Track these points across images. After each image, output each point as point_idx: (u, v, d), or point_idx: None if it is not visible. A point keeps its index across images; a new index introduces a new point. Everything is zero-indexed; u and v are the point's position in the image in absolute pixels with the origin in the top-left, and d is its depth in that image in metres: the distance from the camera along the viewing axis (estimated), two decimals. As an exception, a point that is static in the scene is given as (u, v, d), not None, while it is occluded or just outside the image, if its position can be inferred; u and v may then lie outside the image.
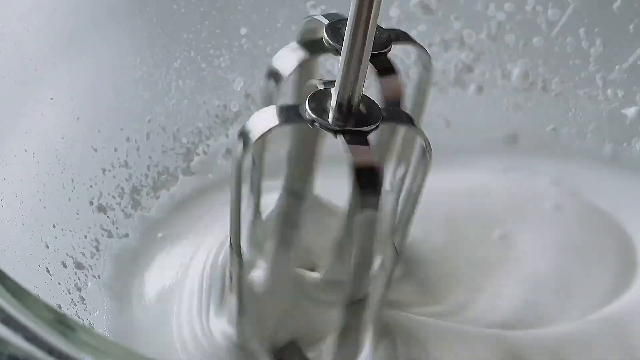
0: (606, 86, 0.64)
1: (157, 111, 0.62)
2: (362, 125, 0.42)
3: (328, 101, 0.42)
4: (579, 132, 0.66)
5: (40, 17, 0.57)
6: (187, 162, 0.62)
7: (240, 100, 0.64)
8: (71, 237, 0.54)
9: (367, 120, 0.42)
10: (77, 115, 0.57)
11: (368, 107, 0.43)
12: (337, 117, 0.42)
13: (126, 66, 0.61)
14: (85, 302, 0.52)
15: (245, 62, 0.64)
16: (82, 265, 0.54)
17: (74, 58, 0.58)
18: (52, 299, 0.49)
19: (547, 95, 0.65)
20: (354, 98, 0.42)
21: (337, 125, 0.42)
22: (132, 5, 0.61)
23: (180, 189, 0.61)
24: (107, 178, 0.58)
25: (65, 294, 0.51)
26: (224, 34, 0.64)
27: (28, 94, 0.55)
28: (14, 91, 0.54)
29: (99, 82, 0.60)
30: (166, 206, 0.60)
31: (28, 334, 0.35)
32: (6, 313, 0.36)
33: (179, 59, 0.62)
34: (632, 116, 0.64)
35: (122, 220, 0.58)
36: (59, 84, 0.57)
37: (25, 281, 0.38)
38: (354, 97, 0.42)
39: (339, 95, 0.42)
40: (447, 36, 0.65)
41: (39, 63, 0.56)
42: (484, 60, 0.65)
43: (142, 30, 0.62)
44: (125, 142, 0.60)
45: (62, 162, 0.55)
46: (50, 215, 0.53)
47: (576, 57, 0.64)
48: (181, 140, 0.62)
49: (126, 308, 0.54)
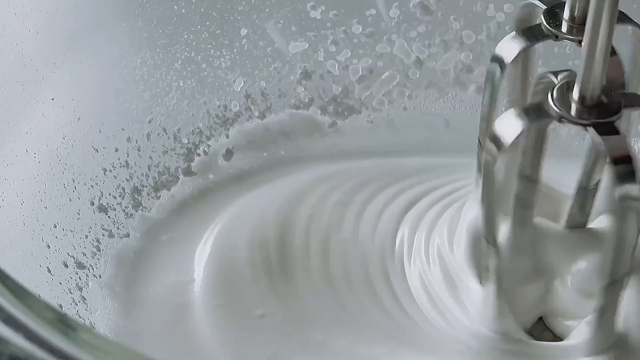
0: (605, 86, 0.64)
1: (158, 111, 0.62)
2: (606, 115, 0.42)
3: (569, 94, 0.43)
4: (579, 133, 0.65)
5: (41, 18, 0.57)
6: (187, 162, 0.62)
7: (240, 101, 0.65)
8: (72, 237, 0.54)
9: (610, 109, 0.43)
10: (78, 116, 0.57)
11: (606, 94, 0.43)
12: (581, 110, 0.43)
13: (127, 66, 0.61)
14: (86, 301, 0.52)
15: (245, 63, 0.64)
16: (83, 265, 0.54)
17: (75, 58, 0.58)
18: (53, 299, 0.50)
19: (547, 95, 0.65)
20: (597, 90, 0.42)
21: (584, 118, 0.42)
22: (132, 6, 0.61)
23: (180, 189, 0.61)
24: (108, 178, 0.58)
25: (66, 293, 0.51)
26: (224, 34, 0.64)
27: (29, 95, 0.55)
28: (14, 91, 0.54)
29: (99, 82, 0.60)
30: (167, 206, 0.60)
31: (29, 334, 0.35)
32: (7, 312, 0.36)
33: (180, 60, 0.63)
34: (631, 116, 0.64)
35: (123, 220, 0.58)
36: (60, 84, 0.57)
37: (27, 281, 0.38)
38: (597, 89, 0.42)
39: (582, 88, 0.42)
40: (446, 37, 0.65)
41: (40, 63, 0.56)
42: (483, 60, 0.65)
43: (143, 31, 0.62)
44: (126, 142, 0.60)
45: (63, 162, 0.56)
46: (52, 215, 0.53)
47: (576, 57, 0.64)
48: (182, 141, 0.62)
49: (127, 308, 0.54)
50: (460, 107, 0.66)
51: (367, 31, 0.65)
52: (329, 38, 0.65)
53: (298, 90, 0.66)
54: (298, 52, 0.65)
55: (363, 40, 0.65)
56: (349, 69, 0.65)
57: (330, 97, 0.66)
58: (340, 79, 0.66)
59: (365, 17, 0.65)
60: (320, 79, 0.66)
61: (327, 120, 0.66)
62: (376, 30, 0.65)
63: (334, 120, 0.66)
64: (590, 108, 0.43)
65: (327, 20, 0.65)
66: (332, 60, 0.65)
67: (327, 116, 0.66)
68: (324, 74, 0.66)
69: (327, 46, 0.65)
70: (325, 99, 0.66)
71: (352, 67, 0.65)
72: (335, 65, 0.65)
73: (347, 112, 0.66)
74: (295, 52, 0.65)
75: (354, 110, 0.66)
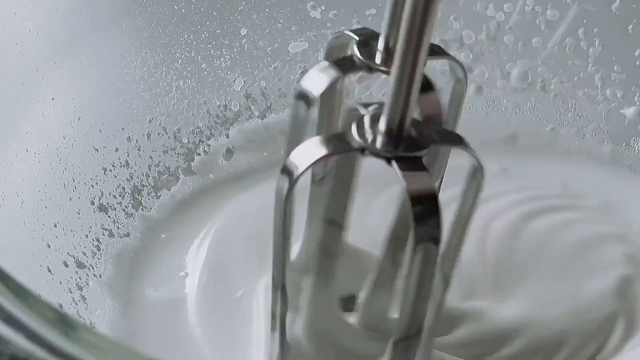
0: (605, 86, 0.64)
1: (158, 111, 0.62)
2: (414, 150, 0.39)
3: (375, 126, 0.39)
4: (578, 132, 0.66)
5: (42, 18, 0.57)
6: (187, 162, 0.62)
7: (240, 100, 0.65)
8: (72, 236, 0.54)
9: (419, 144, 0.39)
10: (79, 115, 0.57)
11: (417, 128, 0.39)
12: (387, 143, 0.39)
13: (127, 66, 0.61)
14: (87, 301, 0.52)
15: (245, 62, 0.64)
16: (83, 265, 0.54)
17: (75, 58, 0.58)
18: (53, 298, 0.50)
19: (546, 95, 0.65)
20: (405, 122, 0.38)
21: (389, 151, 0.39)
22: (132, 6, 0.61)
23: (181, 189, 0.61)
24: (108, 178, 0.58)
25: (67, 293, 0.51)
26: (224, 34, 0.64)
27: (29, 94, 0.55)
28: (15, 91, 0.54)
29: (100, 82, 0.60)
30: (167, 206, 0.60)
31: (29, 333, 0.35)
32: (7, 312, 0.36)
33: (180, 59, 0.63)
34: (630, 116, 0.64)
35: (123, 219, 0.58)
36: (60, 84, 0.57)
37: (27, 280, 0.38)
38: (405, 121, 0.38)
39: (388, 120, 0.38)
40: (446, 36, 0.65)
41: (40, 63, 0.56)
42: (483, 60, 0.65)
43: (143, 31, 0.62)
44: (126, 142, 0.60)
45: (64, 161, 0.56)
46: (52, 214, 0.53)
47: (575, 58, 0.64)
48: (182, 140, 0.62)
49: (127, 307, 0.54)
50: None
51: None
52: (329, 38, 0.65)
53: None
54: (298, 52, 0.65)
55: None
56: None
57: (330, 97, 0.66)
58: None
59: (365, 17, 0.65)
60: (320, 79, 0.66)
61: (326, 120, 0.66)
62: (376, 30, 0.65)
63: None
64: (397, 141, 0.39)
65: (327, 20, 0.65)
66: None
67: (327, 116, 0.66)
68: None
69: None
70: (325, 99, 0.66)
71: (352, 67, 0.65)
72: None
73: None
74: (295, 52, 0.65)
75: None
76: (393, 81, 0.37)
